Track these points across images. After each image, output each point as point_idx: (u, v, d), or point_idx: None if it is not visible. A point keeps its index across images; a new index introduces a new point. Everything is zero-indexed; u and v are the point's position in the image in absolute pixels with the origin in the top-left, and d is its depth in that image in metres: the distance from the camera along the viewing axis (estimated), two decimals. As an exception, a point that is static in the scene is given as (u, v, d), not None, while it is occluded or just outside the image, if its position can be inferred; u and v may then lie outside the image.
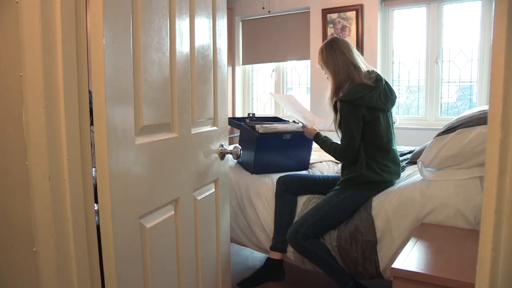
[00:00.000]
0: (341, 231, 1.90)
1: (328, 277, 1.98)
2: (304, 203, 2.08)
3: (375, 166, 1.93)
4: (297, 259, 2.05)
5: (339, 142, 1.99)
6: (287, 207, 2.08)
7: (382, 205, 1.85)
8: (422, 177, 1.88)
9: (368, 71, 1.97)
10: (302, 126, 2.18)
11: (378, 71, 4.00)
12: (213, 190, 1.56)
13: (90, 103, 0.96)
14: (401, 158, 2.48)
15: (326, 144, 2.04)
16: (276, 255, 2.09)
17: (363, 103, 1.88)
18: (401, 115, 3.97)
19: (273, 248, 2.09)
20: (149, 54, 1.09)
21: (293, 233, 1.91)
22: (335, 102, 1.98)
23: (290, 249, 2.07)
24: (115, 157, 0.97)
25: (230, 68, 4.71)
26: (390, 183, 1.96)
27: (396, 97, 2.02)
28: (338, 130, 2.01)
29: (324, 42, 2.06)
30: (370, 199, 1.90)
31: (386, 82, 1.99)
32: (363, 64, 2.00)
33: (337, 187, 1.99)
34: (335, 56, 1.97)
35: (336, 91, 1.99)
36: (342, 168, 2.05)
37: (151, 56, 1.10)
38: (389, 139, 1.98)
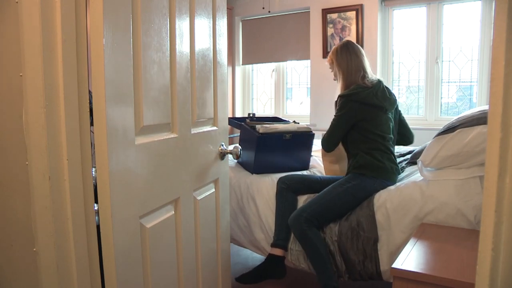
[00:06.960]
0: (342, 226, 1.90)
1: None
2: (304, 201, 2.08)
3: (373, 153, 2.03)
4: (293, 257, 2.04)
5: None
6: (288, 204, 2.09)
7: (383, 203, 1.86)
8: (422, 177, 1.88)
9: (370, 76, 2.11)
10: None
11: (378, 71, 4.02)
12: (213, 190, 1.56)
13: (90, 103, 0.96)
14: (401, 159, 2.49)
15: None
16: (277, 251, 2.09)
17: (359, 99, 2.01)
18: (401, 115, 3.99)
19: (274, 244, 2.09)
20: (149, 54, 1.09)
21: (296, 217, 1.94)
22: (337, 100, 2.10)
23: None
24: (115, 157, 0.97)
25: (230, 68, 4.71)
26: (391, 172, 2.01)
27: (395, 98, 2.16)
28: None
29: (339, 43, 2.19)
30: (373, 196, 1.91)
31: (385, 86, 2.14)
32: (370, 70, 2.15)
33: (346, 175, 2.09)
34: (350, 58, 2.10)
35: (345, 90, 2.10)
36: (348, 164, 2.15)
37: (151, 56, 1.10)
38: (386, 138, 2.08)
